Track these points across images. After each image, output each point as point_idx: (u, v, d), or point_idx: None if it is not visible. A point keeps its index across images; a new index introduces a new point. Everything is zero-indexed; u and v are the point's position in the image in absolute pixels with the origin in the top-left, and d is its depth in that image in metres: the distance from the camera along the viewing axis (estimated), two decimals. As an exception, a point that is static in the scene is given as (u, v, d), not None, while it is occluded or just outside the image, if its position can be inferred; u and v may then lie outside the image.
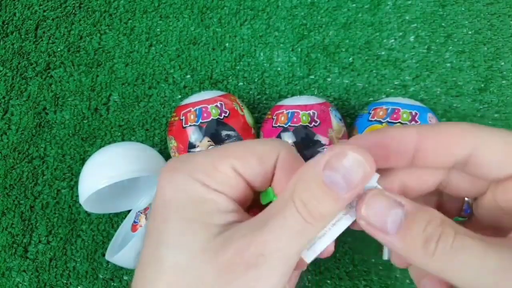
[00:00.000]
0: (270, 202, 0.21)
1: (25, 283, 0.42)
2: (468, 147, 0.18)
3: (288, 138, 0.37)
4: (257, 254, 0.18)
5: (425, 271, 0.20)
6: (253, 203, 0.22)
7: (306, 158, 0.20)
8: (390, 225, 0.18)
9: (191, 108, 0.38)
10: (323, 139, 0.37)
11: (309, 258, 0.20)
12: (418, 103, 0.38)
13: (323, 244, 0.20)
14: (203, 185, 0.19)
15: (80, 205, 0.43)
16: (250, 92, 0.46)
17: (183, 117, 0.38)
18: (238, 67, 0.46)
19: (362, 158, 0.18)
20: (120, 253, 0.36)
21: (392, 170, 0.20)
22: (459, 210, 0.23)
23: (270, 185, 0.22)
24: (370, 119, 0.38)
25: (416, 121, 0.36)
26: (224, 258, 0.18)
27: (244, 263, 0.18)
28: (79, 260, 0.42)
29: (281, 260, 0.18)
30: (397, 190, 0.20)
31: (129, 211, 0.43)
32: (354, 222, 0.19)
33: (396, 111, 0.37)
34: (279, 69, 0.46)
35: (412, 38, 0.46)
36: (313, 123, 0.37)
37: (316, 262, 0.41)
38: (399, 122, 0.36)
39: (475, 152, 0.18)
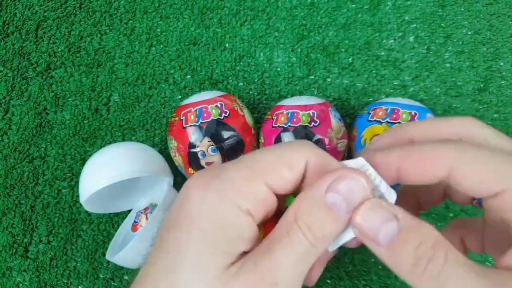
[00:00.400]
0: None
1: (25, 283, 0.42)
2: (443, 170, 0.19)
3: (288, 138, 0.37)
4: (271, 283, 0.18)
5: None
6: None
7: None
8: (382, 238, 0.18)
9: (191, 108, 0.38)
10: (323, 139, 0.37)
11: (330, 248, 0.20)
12: (417, 103, 0.38)
13: (343, 239, 0.20)
14: (236, 207, 0.19)
15: (80, 205, 0.43)
16: (250, 92, 0.46)
17: (183, 117, 0.38)
18: (238, 68, 0.46)
19: (363, 180, 0.19)
20: (120, 253, 0.36)
21: (391, 154, 0.20)
22: (470, 199, 0.24)
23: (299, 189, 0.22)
24: (369, 119, 0.38)
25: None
26: (241, 283, 0.18)
27: (262, 284, 0.18)
28: (79, 260, 0.42)
29: (292, 283, 0.19)
30: (393, 174, 0.21)
31: (129, 211, 0.43)
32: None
33: (396, 111, 0.37)
34: (279, 69, 0.46)
35: (411, 39, 0.46)
36: (313, 123, 0.37)
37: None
38: (398, 122, 0.36)
39: (453, 174, 0.19)
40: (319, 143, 0.37)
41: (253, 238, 0.19)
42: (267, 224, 0.22)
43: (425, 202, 0.26)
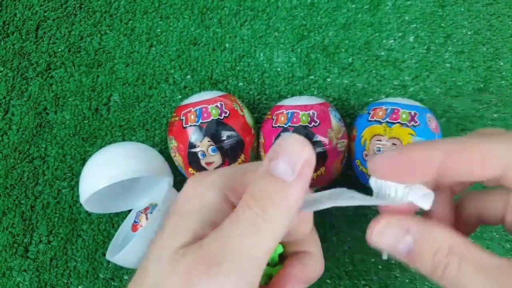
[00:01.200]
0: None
1: (25, 283, 0.42)
2: (497, 169, 0.18)
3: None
4: (212, 264, 0.17)
5: None
6: None
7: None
8: (400, 251, 0.19)
9: (192, 108, 0.38)
10: (323, 139, 0.37)
11: (304, 210, 0.19)
12: (417, 103, 0.38)
13: (319, 207, 0.19)
14: (223, 196, 0.20)
15: (80, 205, 0.43)
16: (250, 92, 0.46)
17: (184, 117, 0.38)
18: (238, 68, 0.46)
19: (297, 136, 0.18)
20: (120, 253, 0.36)
21: (434, 147, 0.19)
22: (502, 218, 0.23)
23: None
24: (369, 119, 0.38)
25: (416, 122, 0.36)
26: (177, 269, 0.18)
27: (204, 263, 0.17)
28: (79, 259, 0.42)
29: (248, 267, 0.18)
30: (432, 170, 0.20)
31: (129, 211, 0.43)
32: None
33: (396, 111, 0.37)
34: (279, 69, 0.46)
35: (411, 39, 0.46)
36: (313, 123, 0.37)
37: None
38: (398, 122, 0.36)
39: (506, 173, 0.18)
40: (319, 143, 0.37)
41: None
42: None
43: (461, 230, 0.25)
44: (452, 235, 0.18)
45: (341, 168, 0.39)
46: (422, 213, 0.21)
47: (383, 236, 0.19)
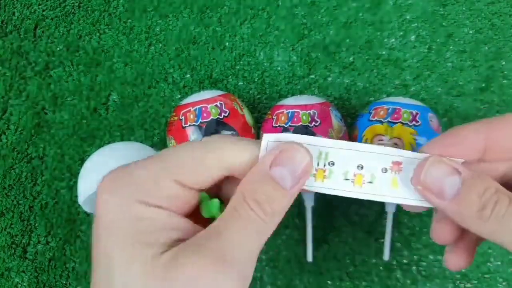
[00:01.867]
0: (213, 217, 0.20)
1: (24, 284, 0.42)
2: None
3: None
4: (221, 260, 0.18)
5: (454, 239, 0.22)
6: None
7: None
8: (447, 191, 0.19)
9: (191, 107, 0.38)
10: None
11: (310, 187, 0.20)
12: (419, 103, 0.38)
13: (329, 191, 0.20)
14: (142, 203, 0.19)
15: (79, 205, 0.43)
16: (250, 91, 0.46)
17: (183, 117, 0.38)
18: (238, 67, 0.46)
19: (303, 149, 0.19)
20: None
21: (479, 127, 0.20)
22: None
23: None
24: (370, 118, 0.37)
25: (417, 121, 0.36)
26: (179, 272, 0.17)
27: (209, 270, 0.17)
28: (78, 260, 0.42)
29: (245, 263, 0.19)
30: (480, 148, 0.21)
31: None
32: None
33: (397, 110, 0.36)
34: (279, 68, 0.46)
35: (413, 38, 0.46)
36: (314, 123, 0.36)
37: (316, 263, 0.41)
38: (400, 122, 0.36)
39: None
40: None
41: (177, 225, 0.19)
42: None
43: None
44: (497, 183, 0.19)
45: (342, 168, 0.39)
46: None
47: (432, 174, 0.19)
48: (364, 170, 0.20)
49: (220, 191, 0.22)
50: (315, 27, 0.46)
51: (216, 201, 0.20)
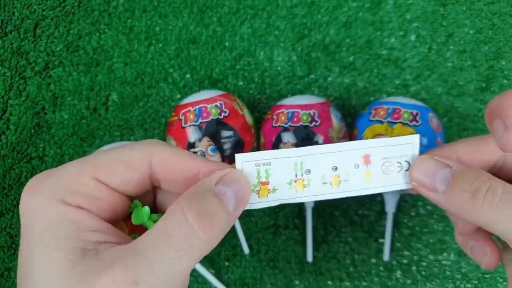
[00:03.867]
0: (144, 225, 0.20)
1: (23, 284, 0.41)
2: None
3: (289, 138, 0.37)
4: (132, 282, 0.17)
5: (471, 234, 0.22)
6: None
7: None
8: (439, 183, 0.19)
9: (191, 107, 0.37)
10: (323, 139, 0.36)
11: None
12: (419, 103, 0.37)
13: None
14: (63, 203, 0.18)
15: (79, 205, 0.43)
16: (250, 91, 0.46)
17: (183, 117, 0.37)
18: (238, 67, 0.46)
19: (247, 177, 0.20)
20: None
21: (450, 145, 0.21)
22: None
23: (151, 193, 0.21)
24: (371, 118, 0.37)
25: (417, 121, 0.36)
26: (90, 284, 0.17)
27: (131, 273, 0.17)
28: (78, 260, 0.42)
29: (169, 274, 0.17)
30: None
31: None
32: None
33: (397, 110, 0.36)
34: (279, 68, 0.46)
35: (413, 38, 0.46)
36: (314, 122, 0.36)
37: (316, 263, 0.41)
38: (400, 122, 0.36)
39: None
40: (319, 143, 0.36)
41: (96, 227, 0.19)
42: (129, 222, 0.21)
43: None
44: (490, 175, 0.19)
45: (342, 168, 0.39)
46: None
47: (423, 169, 0.20)
48: (339, 171, 0.21)
49: (155, 202, 0.22)
50: (315, 27, 0.46)
51: (146, 208, 0.20)
